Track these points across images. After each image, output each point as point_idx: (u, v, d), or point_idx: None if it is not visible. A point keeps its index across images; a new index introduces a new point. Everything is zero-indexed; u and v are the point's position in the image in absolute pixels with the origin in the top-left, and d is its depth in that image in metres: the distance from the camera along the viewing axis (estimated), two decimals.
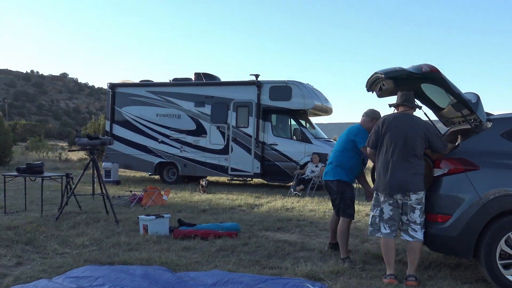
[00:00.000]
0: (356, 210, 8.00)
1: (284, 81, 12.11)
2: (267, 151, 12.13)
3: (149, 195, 8.48)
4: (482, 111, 4.06)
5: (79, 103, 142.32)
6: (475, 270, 4.34)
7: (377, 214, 4.15)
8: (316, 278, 4.06)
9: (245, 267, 4.39)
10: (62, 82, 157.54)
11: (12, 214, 7.13)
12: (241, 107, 12.36)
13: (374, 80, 4.50)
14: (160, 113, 13.18)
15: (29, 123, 59.96)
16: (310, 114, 13.06)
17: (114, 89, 13.76)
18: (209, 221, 6.77)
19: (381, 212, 4.12)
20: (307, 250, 5.14)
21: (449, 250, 4.02)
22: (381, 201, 4.13)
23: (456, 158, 3.94)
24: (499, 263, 3.69)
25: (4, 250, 4.85)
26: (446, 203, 3.90)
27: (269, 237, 5.74)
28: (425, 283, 3.94)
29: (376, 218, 4.16)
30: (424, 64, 3.90)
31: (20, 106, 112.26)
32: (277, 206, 8.42)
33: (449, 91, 4.01)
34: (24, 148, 28.41)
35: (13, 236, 5.45)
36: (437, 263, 4.56)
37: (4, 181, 7.65)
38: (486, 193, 3.74)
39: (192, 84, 13.21)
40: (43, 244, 5.18)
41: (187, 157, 12.81)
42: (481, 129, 4.08)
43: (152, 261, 4.48)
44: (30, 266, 4.36)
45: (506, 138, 3.95)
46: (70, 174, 7.74)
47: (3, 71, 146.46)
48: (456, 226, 3.79)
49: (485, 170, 3.83)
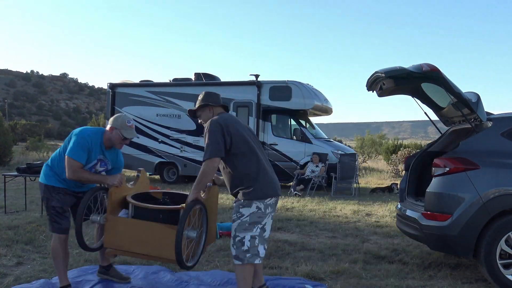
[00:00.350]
0: (356, 210, 8.06)
1: (284, 81, 12.11)
2: (267, 151, 12.12)
3: None
4: (483, 111, 4.06)
5: (79, 103, 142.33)
6: (475, 270, 4.33)
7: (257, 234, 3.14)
8: (316, 278, 4.06)
9: None
10: (62, 82, 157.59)
11: (12, 214, 7.13)
12: (241, 107, 12.36)
13: (374, 79, 4.49)
14: (160, 113, 13.18)
15: (29, 123, 59.95)
16: (310, 114, 13.06)
17: (114, 89, 13.76)
18: None
19: (262, 230, 3.18)
20: (307, 250, 5.14)
21: (449, 249, 4.01)
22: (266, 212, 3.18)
23: (456, 157, 3.94)
24: (499, 263, 3.69)
25: (4, 250, 4.85)
26: (446, 202, 3.89)
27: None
28: (425, 283, 3.94)
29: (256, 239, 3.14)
30: (424, 63, 3.90)
31: (20, 106, 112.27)
32: (277, 206, 8.40)
33: (449, 90, 4.01)
34: (24, 148, 28.41)
35: (13, 236, 5.45)
36: (437, 263, 4.56)
37: (4, 181, 7.65)
38: (486, 192, 3.74)
39: (192, 84, 13.21)
40: (43, 244, 5.18)
41: (187, 157, 12.81)
42: (482, 128, 4.08)
43: (152, 261, 4.48)
44: (30, 266, 4.36)
45: (507, 137, 3.95)
46: None
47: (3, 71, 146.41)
48: (456, 225, 3.79)
49: (485, 170, 3.83)
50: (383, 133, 31.57)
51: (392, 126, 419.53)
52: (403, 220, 4.50)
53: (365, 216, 7.54)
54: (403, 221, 4.52)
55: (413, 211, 4.30)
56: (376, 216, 7.54)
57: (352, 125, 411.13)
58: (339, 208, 8.35)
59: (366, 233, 6.07)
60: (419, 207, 4.32)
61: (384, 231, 6.13)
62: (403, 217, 4.49)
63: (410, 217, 4.26)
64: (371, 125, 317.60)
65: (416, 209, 4.29)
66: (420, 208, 4.23)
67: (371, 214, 7.71)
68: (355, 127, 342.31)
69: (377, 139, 28.03)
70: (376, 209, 8.28)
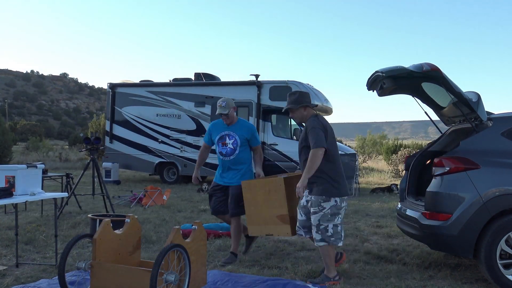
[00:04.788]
0: (356, 210, 8.05)
1: (284, 81, 12.10)
2: (267, 151, 12.12)
3: (150, 196, 8.47)
4: (483, 110, 4.06)
5: (79, 103, 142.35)
6: (475, 270, 4.33)
7: (338, 222, 3.92)
8: (316, 278, 4.05)
9: (245, 267, 4.39)
10: (62, 82, 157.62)
11: (12, 214, 7.12)
12: (241, 107, 12.33)
13: (374, 78, 4.49)
14: (160, 113, 13.18)
15: (29, 123, 59.95)
16: None
17: (114, 89, 13.75)
18: (209, 221, 6.76)
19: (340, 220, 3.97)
20: (307, 250, 5.13)
21: (449, 249, 4.01)
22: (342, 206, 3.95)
23: (456, 157, 3.93)
24: (499, 263, 3.68)
25: (4, 250, 4.84)
26: (447, 202, 3.89)
27: (269, 237, 5.73)
28: (425, 283, 3.94)
29: (338, 226, 3.93)
30: (425, 62, 3.89)
31: (20, 106, 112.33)
32: None
33: (450, 90, 4.00)
34: (24, 148, 28.42)
35: (13, 236, 5.44)
36: (437, 263, 4.55)
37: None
38: (486, 192, 3.74)
39: (192, 84, 13.20)
40: (43, 244, 5.17)
41: (187, 157, 12.80)
42: (482, 128, 4.07)
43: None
44: (30, 266, 4.35)
45: (507, 137, 3.95)
46: (70, 174, 7.74)
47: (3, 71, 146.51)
48: (457, 225, 3.78)
49: (485, 169, 3.83)
50: (384, 133, 31.54)
51: (393, 126, 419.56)
52: (403, 220, 4.49)
53: (365, 216, 7.53)
54: (403, 221, 4.51)
55: (413, 210, 4.30)
56: (376, 216, 7.53)
57: (352, 125, 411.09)
58: None
59: (366, 233, 6.06)
60: (419, 206, 4.31)
61: (384, 232, 6.13)
62: (403, 217, 4.49)
63: (410, 216, 4.26)
64: (371, 125, 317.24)
65: (416, 209, 4.28)
66: (420, 208, 4.22)
67: (371, 214, 7.70)
68: (355, 127, 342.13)
69: (378, 139, 28.02)
70: (376, 209, 8.27)
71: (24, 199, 4.18)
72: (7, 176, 4.16)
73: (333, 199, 3.84)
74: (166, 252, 3.10)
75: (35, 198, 4.25)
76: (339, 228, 3.89)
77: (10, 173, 4.16)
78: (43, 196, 4.32)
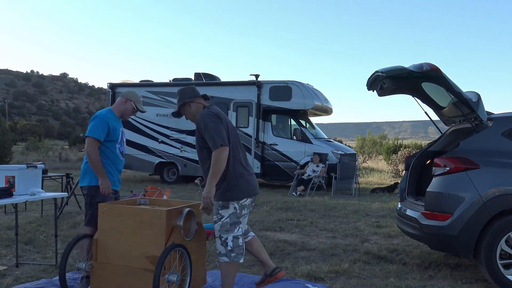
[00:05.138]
0: (356, 210, 8.05)
1: (284, 81, 12.11)
2: (267, 151, 12.13)
3: (150, 196, 8.47)
4: (483, 110, 4.06)
5: (79, 103, 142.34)
6: (475, 270, 4.33)
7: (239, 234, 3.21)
8: (316, 278, 4.06)
9: (245, 267, 4.39)
10: (62, 82, 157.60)
11: (12, 214, 7.12)
12: (241, 107, 12.36)
13: (374, 78, 4.49)
14: (160, 113, 13.18)
15: (29, 123, 59.93)
16: (310, 114, 13.06)
17: (114, 89, 13.75)
18: (209, 221, 6.76)
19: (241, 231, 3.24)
20: (307, 250, 5.14)
21: (449, 249, 4.01)
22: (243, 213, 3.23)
23: (456, 157, 3.93)
24: (499, 263, 3.68)
25: (4, 250, 4.84)
26: (447, 202, 3.89)
27: (269, 237, 5.73)
28: (425, 283, 3.94)
29: (239, 238, 3.21)
30: (425, 62, 3.89)
31: (20, 106, 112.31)
32: (277, 206, 8.41)
33: (450, 90, 4.00)
34: (24, 148, 28.42)
35: (13, 236, 5.44)
36: (437, 263, 4.55)
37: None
38: (486, 192, 3.74)
39: (192, 84, 13.20)
40: (43, 244, 5.17)
41: (187, 157, 12.81)
42: (482, 128, 4.07)
43: None
44: (30, 266, 4.35)
45: (507, 137, 3.95)
46: (70, 174, 7.74)
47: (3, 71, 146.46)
48: (457, 225, 3.78)
49: (485, 169, 3.83)
50: (384, 133, 31.56)
51: (393, 126, 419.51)
52: (403, 220, 4.50)
53: (365, 216, 7.53)
54: (403, 221, 4.51)
55: (413, 210, 4.30)
56: (376, 216, 7.53)
57: (352, 125, 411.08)
58: (339, 208, 8.35)
59: (366, 233, 6.06)
60: (419, 206, 4.31)
61: (384, 231, 6.12)
62: (403, 217, 4.49)
63: (411, 216, 4.26)
64: (371, 125, 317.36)
65: (416, 209, 4.29)
66: (420, 208, 4.23)
67: (371, 214, 7.71)
68: (355, 127, 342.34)
69: (378, 139, 28.04)
70: (376, 209, 8.27)
71: (24, 199, 4.18)
72: (7, 176, 4.16)
73: (232, 206, 3.15)
74: (169, 252, 3.09)
75: (35, 198, 4.25)
76: (240, 241, 3.19)
77: (10, 173, 4.16)
78: (43, 196, 4.32)
